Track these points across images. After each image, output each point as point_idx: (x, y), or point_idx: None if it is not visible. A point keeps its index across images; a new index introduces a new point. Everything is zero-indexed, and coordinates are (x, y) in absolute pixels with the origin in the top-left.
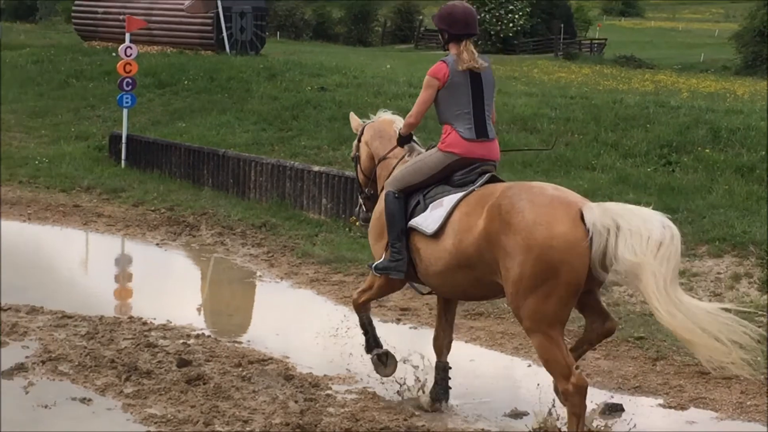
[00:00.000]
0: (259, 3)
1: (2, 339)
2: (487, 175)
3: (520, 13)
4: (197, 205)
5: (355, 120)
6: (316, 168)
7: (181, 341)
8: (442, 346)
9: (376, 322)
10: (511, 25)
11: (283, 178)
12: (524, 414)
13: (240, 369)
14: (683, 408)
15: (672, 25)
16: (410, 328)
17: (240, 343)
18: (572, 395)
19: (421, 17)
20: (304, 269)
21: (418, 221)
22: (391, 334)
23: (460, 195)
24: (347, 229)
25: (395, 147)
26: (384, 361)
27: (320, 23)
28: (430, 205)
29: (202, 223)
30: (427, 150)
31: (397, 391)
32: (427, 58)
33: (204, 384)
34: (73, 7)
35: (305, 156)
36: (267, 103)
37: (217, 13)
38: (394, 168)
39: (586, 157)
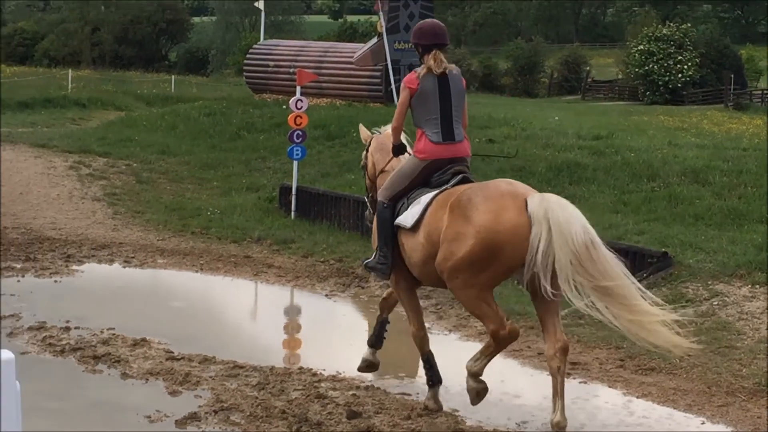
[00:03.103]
0: None
1: (174, 388)
2: (459, 176)
3: (689, 64)
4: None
5: (364, 131)
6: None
7: (351, 392)
8: (385, 307)
9: (546, 376)
10: (680, 75)
11: None
12: None
13: (409, 422)
14: None
15: None
16: (579, 382)
17: (409, 395)
18: (504, 339)
19: (588, 68)
20: (473, 321)
21: (400, 219)
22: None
23: (434, 193)
24: (515, 281)
25: (391, 159)
26: (434, 402)
27: (486, 75)
28: (412, 204)
29: (371, 274)
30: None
31: None
32: (596, 109)
33: None
34: (245, 61)
35: None
36: None
37: (386, 66)
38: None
39: (760, 210)
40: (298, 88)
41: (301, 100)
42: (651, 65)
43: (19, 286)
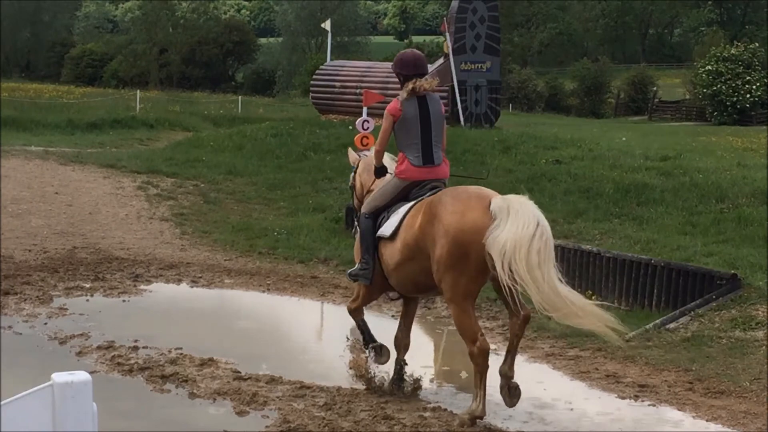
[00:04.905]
0: (493, 76)
1: (242, 408)
2: (435, 189)
3: (758, 84)
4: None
5: (352, 155)
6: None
7: (418, 414)
8: (400, 346)
9: (614, 399)
10: (748, 96)
11: None
12: None
13: None
14: None
15: None
16: (648, 405)
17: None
18: (477, 356)
19: (655, 88)
20: (539, 343)
21: (381, 231)
22: (627, 412)
23: (411, 204)
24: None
25: (375, 180)
26: (379, 352)
27: (552, 95)
28: (392, 215)
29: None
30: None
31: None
32: (663, 130)
33: None
34: (312, 82)
35: None
36: (501, 176)
37: (452, 86)
38: None
39: None
40: (365, 109)
41: (368, 121)
42: (719, 85)
43: (88, 306)
